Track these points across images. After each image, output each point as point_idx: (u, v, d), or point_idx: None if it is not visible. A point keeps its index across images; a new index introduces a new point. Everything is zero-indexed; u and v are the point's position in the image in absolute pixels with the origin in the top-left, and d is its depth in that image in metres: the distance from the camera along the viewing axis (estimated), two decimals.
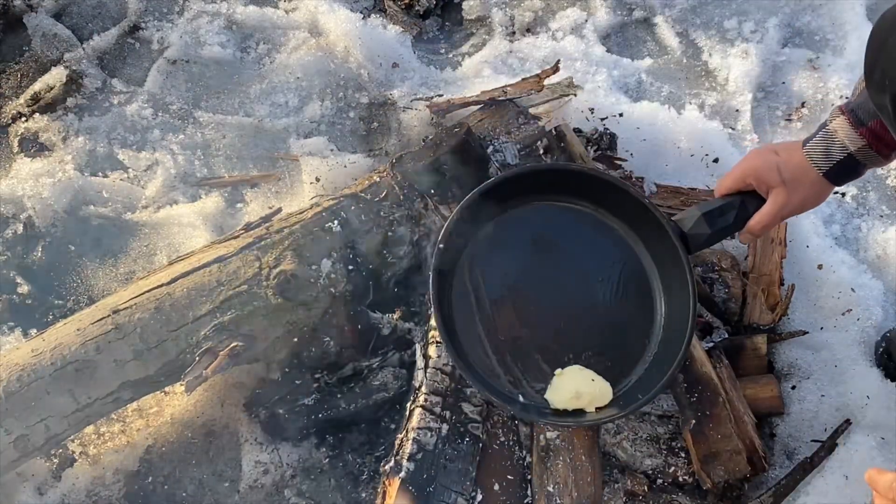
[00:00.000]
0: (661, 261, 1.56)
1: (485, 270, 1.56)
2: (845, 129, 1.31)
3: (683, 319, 1.48)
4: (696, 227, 1.48)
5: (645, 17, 2.33)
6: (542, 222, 1.61)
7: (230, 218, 1.92)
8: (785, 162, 1.38)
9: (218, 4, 2.23)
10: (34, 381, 1.42)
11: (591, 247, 1.60)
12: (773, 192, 1.39)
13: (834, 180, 1.36)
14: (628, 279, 1.58)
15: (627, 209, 1.58)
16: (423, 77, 2.15)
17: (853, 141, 1.31)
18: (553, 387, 1.48)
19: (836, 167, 1.34)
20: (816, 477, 1.56)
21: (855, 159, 1.32)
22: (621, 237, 1.60)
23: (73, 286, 1.85)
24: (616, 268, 1.58)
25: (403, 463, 1.42)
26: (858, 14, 2.25)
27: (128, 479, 1.58)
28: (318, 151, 1.98)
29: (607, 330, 1.54)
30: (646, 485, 1.53)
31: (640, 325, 1.55)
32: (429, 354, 1.52)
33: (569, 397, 1.45)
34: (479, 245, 1.57)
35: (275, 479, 1.57)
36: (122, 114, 2.06)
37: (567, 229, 1.61)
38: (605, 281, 1.57)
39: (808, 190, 1.38)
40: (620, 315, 1.56)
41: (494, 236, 1.58)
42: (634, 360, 1.53)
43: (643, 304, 1.57)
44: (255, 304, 1.51)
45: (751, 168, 1.42)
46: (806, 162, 1.36)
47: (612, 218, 1.61)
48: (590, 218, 1.61)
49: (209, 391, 1.64)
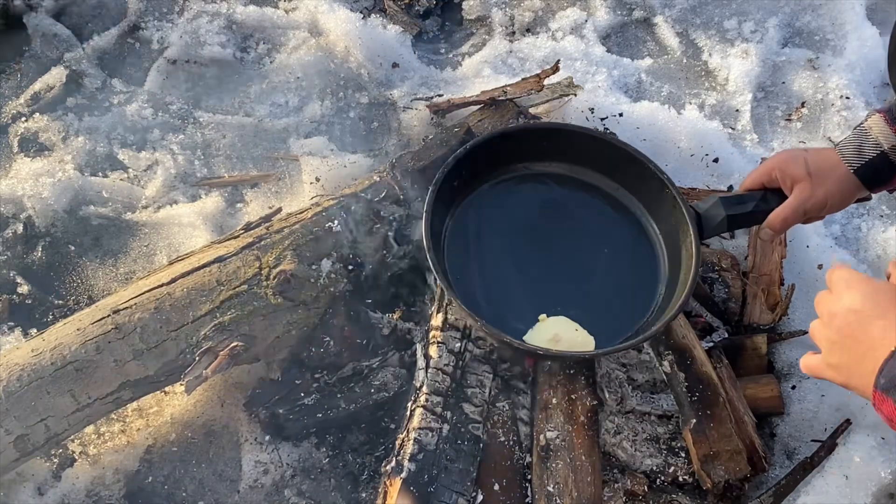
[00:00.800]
0: (669, 240, 1.57)
1: (487, 219, 1.59)
2: (880, 126, 1.31)
3: (677, 297, 1.49)
4: (712, 209, 1.48)
5: (645, 17, 2.33)
6: (554, 185, 1.64)
7: (230, 218, 1.92)
8: (813, 157, 1.37)
9: (218, 4, 2.23)
10: (34, 381, 1.42)
11: (599, 215, 1.62)
12: (798, 186, 1.38)
13: (864, 179, 1.35)
14: (633, 252, 1.59)
15: (642, 183, 1.59)
16: (423, 77, 2.15)
17: (887, 138, 1.30)
18: (534, 329, 1.50)
19: (867, 165, 1.33)
20: (816, 477, 1.55)
21: (888, 159, 1.31)
22: (631, 210, 1.62)
23: (73, 286, 1.85)
24: (621, 239, 1.60)
25: (405, 463, 1.42)
26: (858, 14, 2.25)
27: (128, 479, 1.58)
28: (318, 151, 1.98)
29: (602, 295, 1.57)
30: (646, 485, 1.53)
31: (636, 298, 1.57)
32: (430, 354, 1.52)
33: (547, 339, 1.46)
34: (486, 194, 1.60)
35: (275, 479, 1.57)
36: (122, 114, 2.06)
37: (576, 196, 1.63)
38: (610, 250, 1.59)
39: (834, 186, 1.36)
40: (619, 284, 1.58)
41: (502, 193, 1.61)
42: (625, 330, 1.54)
43: (643, 280, 1.59)
44: (255, 304, 1.51)
45: (777, 161, 1.41)
46: (835, 158, 1.35)
47: (624, 190, 1.62)
48: (600, 190, 1.64)
49: (209, 391, 1.64)
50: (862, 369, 0.92)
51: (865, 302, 0.93)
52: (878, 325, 0.91)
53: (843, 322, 0.94)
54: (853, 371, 0.94)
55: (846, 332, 0.94)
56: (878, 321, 0.91)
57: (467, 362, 1.53)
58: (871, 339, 0.91)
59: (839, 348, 0.96)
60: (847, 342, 0.94)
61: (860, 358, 0.92)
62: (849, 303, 0.94)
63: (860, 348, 0.92)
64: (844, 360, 0.95)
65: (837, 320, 0.95)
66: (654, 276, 1.60)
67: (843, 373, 0.96)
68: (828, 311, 0.97)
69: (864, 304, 0.93)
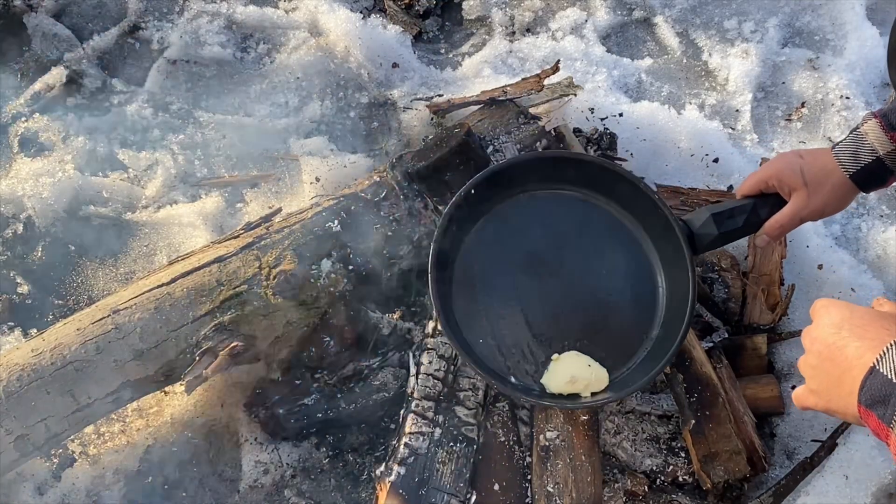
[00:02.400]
0: (665, 256, 1.57)
1: (487, 255, 1.58)
2: (876, 132, 1.31)
3: (681, 316, 1.49)
4: (704, 227, 1.49)
5: (645, 17, 2.33)
6: (549, 210, 1.62)
7: (230, 218, 1.92)
8: (809, 164, 1.38)
9: (218, 4, 2.23)
10: (34, 380, 1.42)
11: (597, 237, 1.61)
12: (795, 195, 1.39)
13: (860, 184, 1.36)
14: (631, 271, 1.59)
15: (636, 203, 1.59)
16: (423, 77, 2.15)
17: (883, 144, 1.31)
18: (549, 371, 1.50)
19: (863, 170, 1.34)
20: (816, 477, 1.55)
21: (883, 164, 1.32)
22: (628, 230, 1.61)
23: (73, 286, 1.85)
24: (620, 259, 1.59)
25: (394, 467, 1.43)
26: (858, 14, 2.25)
27: (128, 479, 1.58)
28: (318, 151, 1.98)
29: (607, 320, 1.56)
30: (646, 485, 1.53)
31: (640, 317, 1.57)
32: (421, 361, 1.53)
33: (564, 381, 1.47)
34: (483, 230, 1.59)
35: (275, 479, 1.57)
36: (122, 114, 2.06)
37: (573, 219, 1.62)
38: (608, 271, 1.58)
39: (831, 194, 1.38)
40: (621, 306, 1.58)
41: (499, 222, 1.60)
42: (632, 350, 1.54)
43: (644, 297, 1.58)
44: (255, 304, 1.51)
45: (774, 170, 1.42)
46: (830, 164, 1.36)
47: (621, 210, 1.62)
48: (597, 209, 1.63)
49: (209, 391, 1.64)
50: (840, 391, 0.93)
51: (843, 323, 0.94)
52: (854, 346, 0.92)
53: (822, 346, 0.96)
54: (832, 394, 0.95)
55: (825, 355, 0.95)
56: (854, 342, 0.92)
57: (460, 367, 1.53)
58: (847, 360, 0.92)
59: (818, 373, 0.97)
60: (826, 365, 0.95)
61: (837, 381, 0.93)
62: (828, 325, 0.96)
63: (837, 371, 0.93)
64: (824, 385, 0.96)
65: (817, 345, 0.97)
66: (653, 294, 1.58)
67: (823, 397, 0.97)
68: (809, 338, 0.99)
69: (842, 325, 0.94)
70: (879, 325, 0.92)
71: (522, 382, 1.49)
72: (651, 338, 1.55)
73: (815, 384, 0.98)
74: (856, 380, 0.89)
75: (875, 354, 0.88)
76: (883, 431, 0.88)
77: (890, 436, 0.87)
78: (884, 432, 0.88)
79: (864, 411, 0.89)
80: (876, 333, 0.91)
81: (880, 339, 0.89)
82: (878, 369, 0.87)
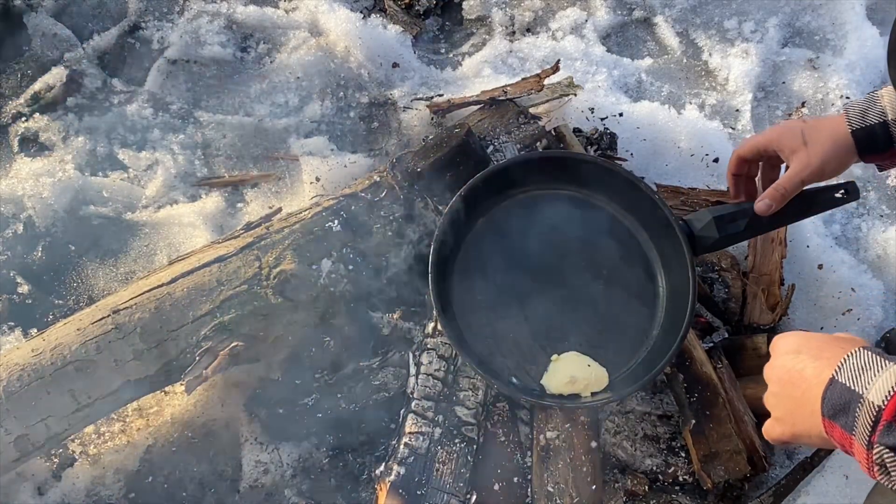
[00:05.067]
0: (665, 255, 1.58)
1: (487, 256, 1.58)
2: (891, 96, 1.31)
3: (681, 316, 1.49)
4: (705, 230, 1.49)
5: (645, 17, 2.33)
6: (549, 210, 1.62)
7: (230, 218, 1.92)
8: (810, 127, 1.38)
9: (218, 4, 2.23)
10: (34, 380, 1.42)
11: (597, 237, 1.61)
12: (795, 156, 1.38)
13: (860, 144, 1.35)
14: (631, 271, 1.59)
15: (636, 203, 1.59)
16: (423, 77, 2.15)
17: (895, 109, 1.31)
18: (549, 371, 1.50)
19: (866, 130, 1.33)
20: (816, 477, 1.56)
21: (888, 130, 1.32)
22: (628, 230, 1.61)
23: (73, 286, 1.85)
24: (620, 259, 1.60)
25: (394, 467, 1.43)
26: (858, 14, 2.25)
27: (128, 479, 1.58)
28: (318, 151, 1.98)
29: (607, 320, 1.56)
30: (646, 485, 1.53)
31: (639, 317, 1.57)
32: (421, 361, 1.53)
33: (564, 381, 1.47)
34: (483, 230, 1.59)
35: (275, 479, 1.57)
36: (122, 114, 2.06)
37: (573, 219, 1.62)
38: (608, 271, 1.58)
39: (832, 152, 1.36)
40: (621, 306, 1.57)
41: (499, 222, 1.60)
42: (632, 350, 1.55)
43: (644, 297, 1.58)
44: (255, 304, 1.51)
45: (775, 133, 1.41)
46: (832, 125, 1.36)
47: (621, 210, 1.62)
48: (597, 209, 1.63)
49: (209, 391, 1.64)
50: (803, 411, 0.93)
51: (801, 348, 0.96)
52: (812, 366, 0.93)
53: (782, 371, 0.96)
54: (796, 416, 0.95)
55: (785, 380, 0.96)
56: (812, 363, 0.93)
57: (460, 367, 1.54)
58: (806, 380, 0.93)
59: (780, 399, 0.98)
60: (787, 390, 0.96)
61: (799, 402, 0.94)
62: (786, 353, 0.96)
63: (797, 392, 0.94)
64: (787, 408, 0.97)
65: (776, 372, 0.97)
66: (653, 294, 1.58)
67: (788, 422, 0.97)
68: (769, 369, 0.99)
69: (799, 349, 0.96)
70: (836, 345, 0.93)
71: (522, 382, 1.50)
72: (651, 338, 1.55)
73: (779, 412, 0.98)
74: (817, 397, 0.90)
75: (833, 370, 0.89)
76: (847, 441, 0.88)
77: (854, 443, 0.87)
78: (847, 441, 0.88)
79: (829, 424, 0.89)
80: (832, 353, 0.91)
81: (836, 357, 0.90)
82: (836, 379, 0.88)
